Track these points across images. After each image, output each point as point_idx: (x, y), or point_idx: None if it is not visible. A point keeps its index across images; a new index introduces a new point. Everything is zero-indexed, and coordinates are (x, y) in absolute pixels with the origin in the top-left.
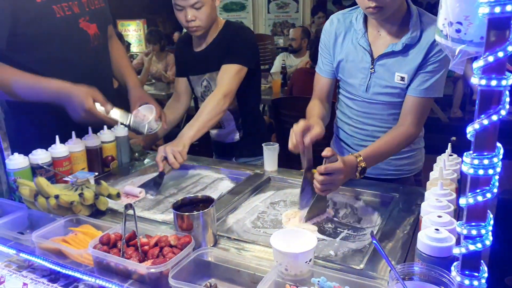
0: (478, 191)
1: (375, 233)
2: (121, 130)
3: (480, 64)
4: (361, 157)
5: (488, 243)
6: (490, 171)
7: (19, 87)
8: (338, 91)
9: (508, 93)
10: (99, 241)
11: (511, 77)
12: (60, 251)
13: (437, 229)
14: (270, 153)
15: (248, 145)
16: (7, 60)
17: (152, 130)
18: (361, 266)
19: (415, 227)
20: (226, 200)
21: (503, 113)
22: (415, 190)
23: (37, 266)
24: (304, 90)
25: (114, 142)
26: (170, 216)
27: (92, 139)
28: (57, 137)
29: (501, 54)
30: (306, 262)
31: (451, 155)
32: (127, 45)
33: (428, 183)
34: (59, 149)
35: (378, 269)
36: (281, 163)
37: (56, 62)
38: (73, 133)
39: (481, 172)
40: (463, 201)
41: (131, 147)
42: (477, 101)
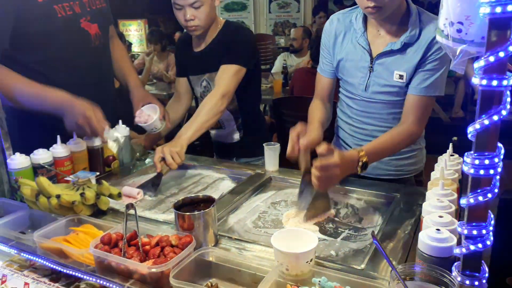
0: (479, 191)
1: (376, 233)
2: (122, 129)
3: (481, 64)
4: (363, 151)
5: (489, 243)
6: (491, 171)
7: (23, 95)
8: (339, 90)
9: (509, 93)
10: (100, 241)
11: None
12: (62, 250)
13: (438, 229)
14: (271, 153)
15: (248, 145)
16: (9, 59)
17: (156, 129)
18: (362, 266)
19: (416, 227)
20: (227, 200)
21: (504, 113)
22: (416, 190)
23: (39, 265)
24: (305, 89)
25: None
26: (171, 216)
27: (93, 139)
28: (58, 137)
29: (502, 54)
30: (307, 262)
31: (452, 155)
32: (128, 45)
33: (429, 183)
34: (60, 149)
35: (379, 269)
36: (282, 163)
37: (57, 61)
38: (74, 133)
39: (482, 172)
40: (464, 201)
41: (132, 147)
42: (478, 101)
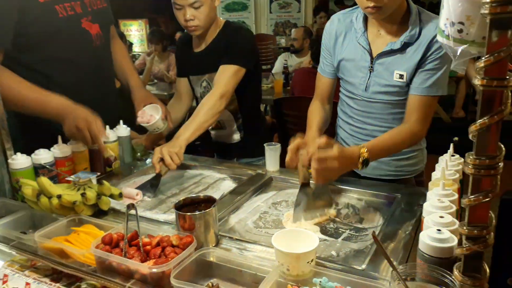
0: (480, 191)
1: (377, 234)
2: (123, 130)
3: (482, 64)
4: (364, 148)
5: (490, 243)
6: (492, 172)
7: (24, 99)
8: (339, 90)
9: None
10: (101, 241)
11: None
12: (63, 250)
13: (439, 230)
14: (272, 153)
15: (249, 145)
16: (10, 59)
17: (158, 129)
18: (363, 266)
19: (417, 228)
20: (228, 200)
21: (505, 113)
22: (417, 190)
23: (40, 265)
24: (306, 89)
25: (116, 142)
26: (172, 216)
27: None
28: (59, 137)
29: (503, 54)
30: (308, 262)
31: (453, 156)
32: (129, 45)
33: (430, 183)
34: (61, 149)
35: (380, 269)
36: (283, 163)
37: (58, 61)
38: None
39: (483, 172)
40: (465, 201)
41: (133, 147)
42: (479, 101)
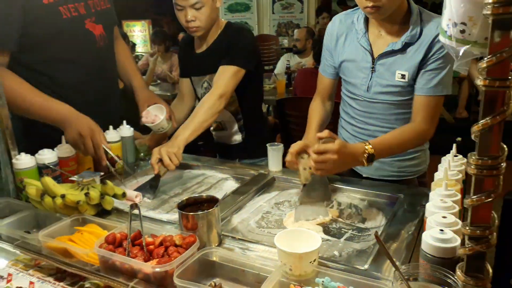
0: (483, 192)
1: (379, 234)
2: (126, 130)
3: (485, 65)
4: (369, 144)
5: (492, 243)
6: (495, 172)
7: (26, 103)
8: (341, 90)
9: None
10: (104, 241)
11: None
12: (66, 250)
13: (441, 230)
14: (275, 154)
15: (250, 146)
16: (13, 60)
17: (163, 129)
18: (366, 266)
19: (420, 228)
20: (230, 200)
21: (507, 114)
22: (420, 190)
23: (44, 265)
24: (308, 90)
25: (120, 142)
26: (175, 216)
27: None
28: (63, 137)
29: (505, 54)
30: (311, 262)
31: (456, 156)
32: (131, 45)
33: (432, 184)
34: (65, 149)
35: (383, 269)
36: (285, 163)
37: (62, 62)
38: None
39: (485, 172)
40: (467, 201)
41: (136, 147)
42: (481, 102)
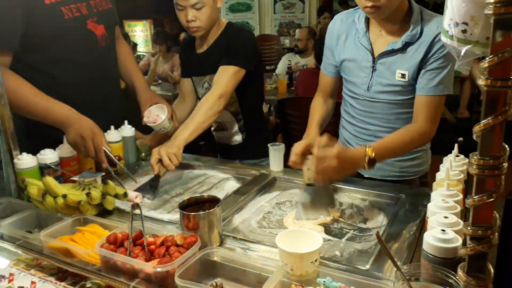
0: (484, 192)
1: (381, 234)
2: (128, 130)
3: (486, 65)
4: (370, 147)
5: (494, 243)
6: (496, 172)
7: (29, 104)
8: (343, 90)
9: None
10: (106, 240)
11: None
12: (68, 250)
13: (443, 230)
14: (276, 154)
15: (251, 147)
16: (15, 60)
17: (164, 129)
18: (367, 266)
19: (421, 228)
20: (232, 200)
21: (509, 114)
22: (421, 190)
23: (45, 264)
24: (309, 90)
25: (121, 142)
26: (177, 216)
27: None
28: (64, 137)
29: (507, 54)
30: (312, 262)
31: (457, 156)
32: (133, 45)
33: (434, 184)
34: (66, 149)
35: (384, 269)
36: (287, 163)
37: (64, 62)
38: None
39: (487, 172)
40: (469, 201)
41: (137, 147)
42: (483, 102)
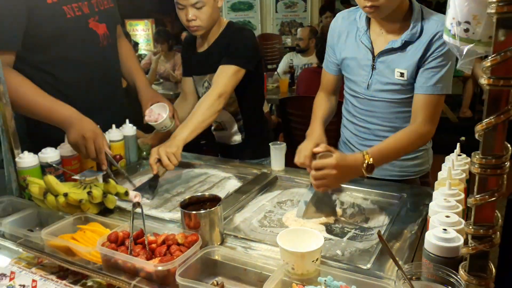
0: (486, 191)
1: (382, 233)
2: (129, 129)
3: (489, 64)
4: (368, 153)
5: (496, 243)
6: (498, 171)
7: (31, 103)
8: (344, 89)
9: None
10: (107, 239)
11: None
12: (69, 248)
13: (445, 229)
14: (277, 153)
15: (251, 146)
16: (17, 59)
17: (166, 128)
18: (368, 265)
19: (423, 227)
20: (233, 199)
21: (511, 113)
22: (423, 190)
23: (46, 263)
24: (311, 89)
25: (122, 141)
26: (178, 215)
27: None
28: (66, 136)
29: (510, 53)
30: (313, 261)
31: (460, 155)
32: (134, 44)
33: (436, 183)
34: (68, 148)
35: (385, 269)
36: (288, 162)
37: (66, 61)
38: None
39: (489, 172)
40: (471, 201)
41: (139, 146)
42: (485, 101)
